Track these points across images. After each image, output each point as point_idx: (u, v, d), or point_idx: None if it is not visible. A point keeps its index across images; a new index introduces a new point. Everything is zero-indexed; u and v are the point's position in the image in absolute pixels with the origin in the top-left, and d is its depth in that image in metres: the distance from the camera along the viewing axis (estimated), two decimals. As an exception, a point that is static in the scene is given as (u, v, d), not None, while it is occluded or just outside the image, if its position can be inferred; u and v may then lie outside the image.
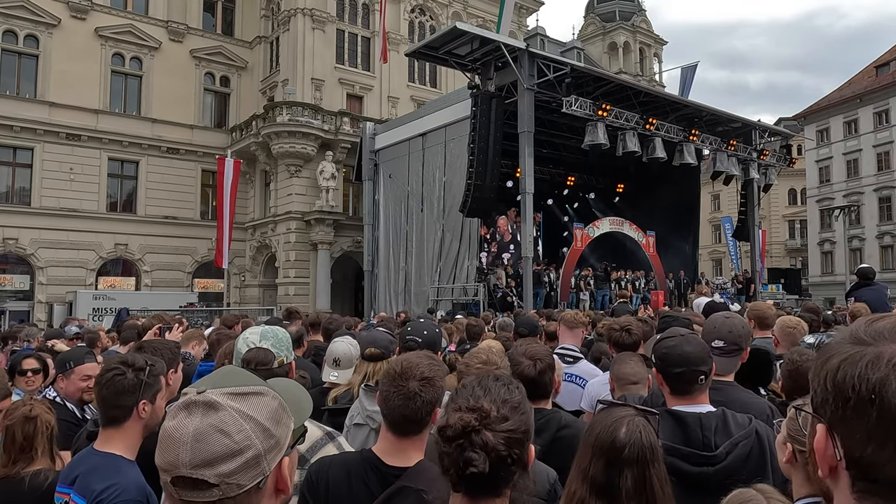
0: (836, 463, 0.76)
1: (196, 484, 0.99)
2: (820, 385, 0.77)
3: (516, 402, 1.44)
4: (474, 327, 6.33)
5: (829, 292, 39.50)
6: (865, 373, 0.72)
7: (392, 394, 1.96)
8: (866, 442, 0.71)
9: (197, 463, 0.98)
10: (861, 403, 0.71)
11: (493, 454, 1.33)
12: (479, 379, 1.50)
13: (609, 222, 23.03)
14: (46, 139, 26.97)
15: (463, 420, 1.36)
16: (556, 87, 17.38)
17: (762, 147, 23.82)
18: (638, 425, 1.57)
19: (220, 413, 1.01)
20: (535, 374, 2.70)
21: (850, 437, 0.73)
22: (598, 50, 51.21)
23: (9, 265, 26.81)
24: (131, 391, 2.20)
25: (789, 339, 3.95)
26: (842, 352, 0.76)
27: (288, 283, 28.09)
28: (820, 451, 0.78)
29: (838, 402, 0.74)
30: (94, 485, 2.02)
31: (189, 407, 1.03)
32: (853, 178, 44.30)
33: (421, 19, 33.61)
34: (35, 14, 27.10)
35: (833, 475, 0.77)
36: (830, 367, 0.76)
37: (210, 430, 0.99)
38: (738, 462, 2.20)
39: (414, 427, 1.97)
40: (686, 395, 2.37)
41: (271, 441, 1.04)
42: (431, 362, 2.06)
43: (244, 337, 2.74)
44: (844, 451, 0.74)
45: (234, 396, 1.05)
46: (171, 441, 1.01)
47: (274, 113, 27.53)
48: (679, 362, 2.34)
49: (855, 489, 0.74)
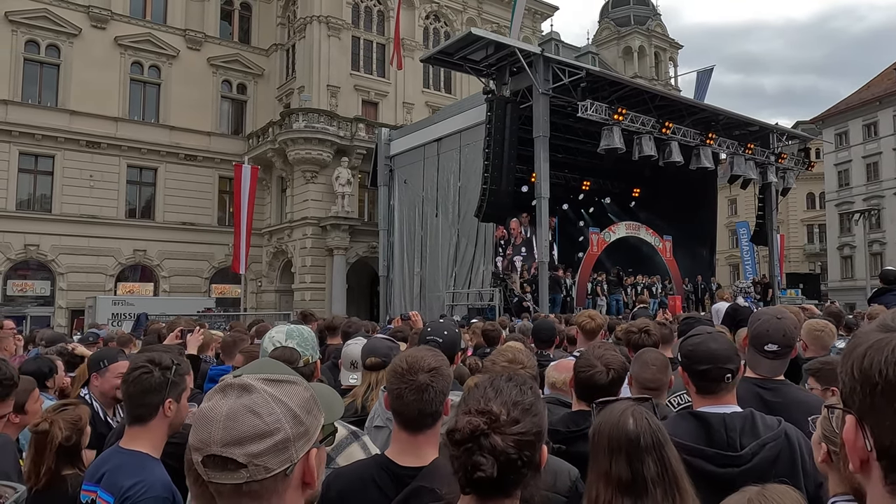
0: (868, 455, 0.73)
1: (225, 463, 1.01)
2: (847, 374, 0.76)
3: (528, 403, 1.42)
4: (492, 332, 6.24)
5: (849, 297, 38.93)
6: (893, 357, 0.70)
7: (404, 389, 1.94)
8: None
9: (227, 441, 1.00)
10: (889, 388, 0.69)
11: (501, 458, 1.32)
12: (491, 379, 1.48)
13: (625, 227, 22.93)
14: (67, 147, 27.37)
15: (471, 423, 1.35)
16: (571, 91, 17.36)
17: (780, 151, 23.59)
18: (641, 412, 1.58)
19: (253, 395, 1.04)
20: (605, 383, 2.58)
21: (881, 426, 0.70)
22: (613, 54, 51.08)
23: (30, 271, 27.19)
24: (158, 389, 2.22)
25: (818, 342, 3.85)
26: (869, 339, 0.74)
27: (304, 288, 28.22)
28: (850, 443, 0.75)
29: (866, 390, 0.72)
30: (121, 481, 2.04)
31: (224, 389, 1.07)
32: (873, 182, 43.71)
33: (435, 25, 33.72)
34: (56, 24, 27.57)
35: (865, 469, 0.75)
36: (857, 356, 0.74)
37: (242, 410, 1.02)
38: (765, 463, 2.16)
39: (429, 420, 1.95)
40: (712, 395, 2.32)
41: (301, 428, 1.06)
42: (434, 353, 2.05)
43: (270, 336, 2.76)
44: (875, 441, 0.71)
45: (268, 382, 1.08)
46: (204, 420, 1.04)
47: (290, 119, 27.73)
48: (705, 359, 2.30)
49: (888, 481, 0.71)
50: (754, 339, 2.77)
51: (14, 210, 26.46)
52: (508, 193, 17.78)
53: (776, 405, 2.57)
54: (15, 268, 26.73)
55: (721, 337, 2.42)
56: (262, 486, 1.02)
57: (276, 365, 1.19)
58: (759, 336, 2.76)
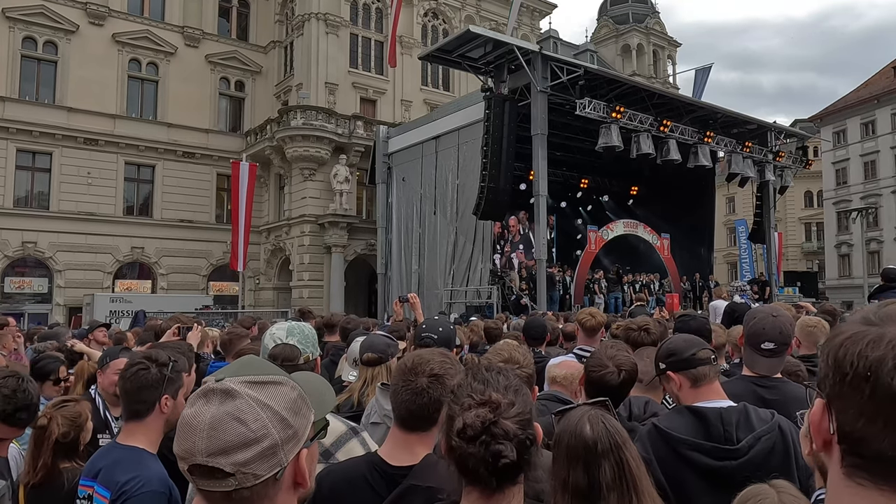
0: (830, 437, 0.78)
1: (211, 472, 0.98)
2: (823, 360, 0.80)
3: (516, 385, 1.44)
4: (493, 329, 6.27)
5: (846, 295, 39.02)
6: (865, 351, 0.74)
7: (401, 388, 1.94)
8: (858, 417, 0.74)
9: (212, 451, 0.97)
10: (857, 379, 0.74)
11: (514, 440, 1.34)
12: (472, 374, 1.48)
13: (623, 225, 22.94)
14: (65, 144, 27.33)
15: (480, 416, 1.35)
16: (569, 89, 17.35)
17: (778, 149, 23.60)
18: (597, 416, 1.58)
19: (237, 401, 1.01)
20: (616, 384, 2.59)
21: (844, 412, 0.75)
22: (612, 52, 51.04)
23: (28, 268, 27.17)
24: (154, 386, 2.23)
25: (811, 338, 3.86)
26: (848, 331, 0.78)
27: (302, 285, 28.22)
28: (815, 423, 0.81)
29: (836, 377, 0.76)
30: (117, 476, 2.05)
31: (207, 395, 1.03)
32: (870, 180, 43.78)
33: (434, 23, 33.69)
34: (54, 21, 27.49)
35: (827, 449, 0.80)
36: (835, 344, 0.78)
37: (226, 418, 0.99)
38: (761, 456, 2.20)
39: (422, 424, 1.94)
40: (700, 384, 2.36)
41: (289, 431, 1.02)
42: (444, 360, 2.02)
43: (271, 333, 2.76)
44: (837, 425, 0.77)
45: (251, 385, 1.04)
46: (188, 428, 1.00)
47: (288, 117, 27.70)
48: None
49: (844, 463, 0.77)
50: (750, 338, 2.77)
51: (12, 207, 26.42)
52: (507, 191, 17.76)
53: (774, 403, 2.59)
54: (13, 265, 26.70)
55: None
56: (252, 492, 1.00)
57: (261, 364, 1.15)
58: (756, 334, 2.77)
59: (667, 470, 2.15)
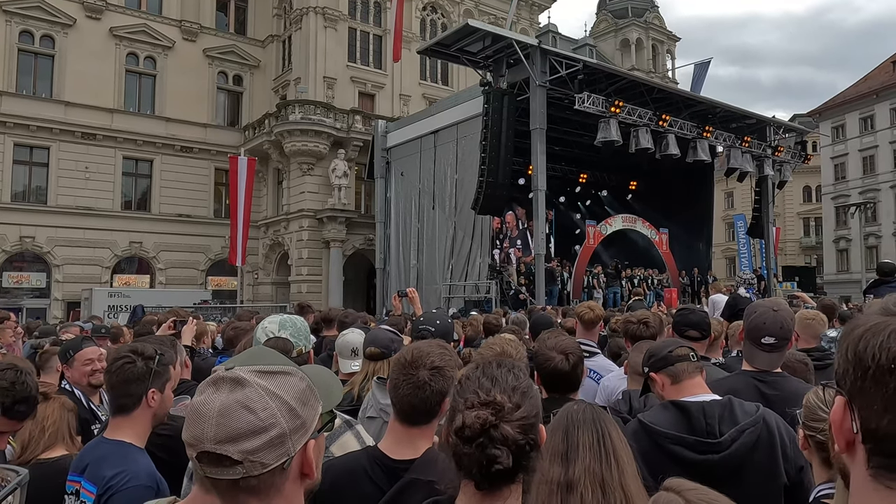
0: (853, 437, 0.73)
1: (220, 460, 0.99)
2: (842, 355, 0.75)
3: (525, 386, 1.41)
4: (493, 324, 6.27)
5: (844, 290, 39.04)
6: (887, 342, 0.69)
7: (401, 382, 1.93)
8: (883, 413, 0.68)
9: (221, 438, 0.98)
10: (880, 372, 0.69)
11: (513, 446, 1.32)
12: (482, 368, 1.45)
13: (622, 220, 22.91)
14: (62, 138, 27.25)
15: (480, 418, 1.33)
16: (568, 83, 17.30)
17: (777, 144, 23.58)
18: (582, 405, 1.57)
19: (247, 389, 1.02)
20: (568, 369, 2.62)
21: (868, 409, 0.70)
22: (611, 47, 50.96)
23: (25, 263, 27.13)
24: (140, 379, 2.20)
25: (809, 331, 3.85)
26: (868, 322, 0.74)
27: (300, 280, 28.20)
28: (837, 423, 0.76)
29: (857, 372, 0.71)
30: (104, 471, 2.03)
31: (217, 383, 1.04)
32: (869, 175, 43.79)
33: (433, 17, 33.59)
34: (51, 14, 27.37)
35: (850, 450, 0.75)
36: (854, 338, 0.73)
37: (235, 406, 1.00)
38: (744, 449, 2.18)
39: (423, 417, 1.93)
40: (680, 380, 2.36)
41: (297, 421, 1.03)
42: (443, 352, 2.01)
43: (263, 326, 2.74)
44: (861, 424, 0.71)
45: (261, 374, 1.05)
46: (197, 416, 1.01)
47: (286, 111, 27.64)
48: None
49: (871, 465, 0.71)
50: (751, 332, 2.74)
51: (9, 202, 26.38)
52: (505, 186, 17.75)
53: (774, 398, 2.57)
54: (10, 259, 26.67)
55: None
56: (259, 480, 1.00)
57: (270, 354, 1.16)
58: (756, 329, 2.74)
59: (650, 464, 2.13)
